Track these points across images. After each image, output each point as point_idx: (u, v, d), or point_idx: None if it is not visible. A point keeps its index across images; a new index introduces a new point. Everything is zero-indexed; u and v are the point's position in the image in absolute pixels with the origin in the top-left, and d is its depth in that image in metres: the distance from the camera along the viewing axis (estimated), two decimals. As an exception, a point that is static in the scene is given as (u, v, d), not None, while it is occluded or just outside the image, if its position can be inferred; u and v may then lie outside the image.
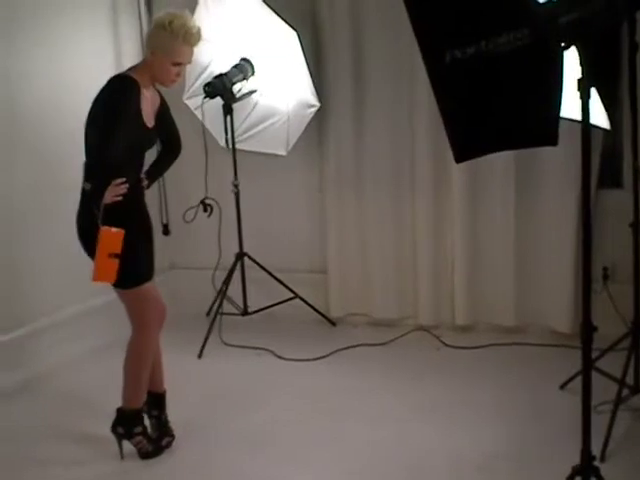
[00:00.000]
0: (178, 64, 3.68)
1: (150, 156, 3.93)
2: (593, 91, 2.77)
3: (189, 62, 3.75)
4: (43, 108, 4.79)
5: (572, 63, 2.75)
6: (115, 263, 3.46)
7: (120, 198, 3.52)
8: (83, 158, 3.60)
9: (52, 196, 4.78)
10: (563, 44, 2.69)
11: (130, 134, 3.55)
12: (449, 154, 3.13)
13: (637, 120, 3.77)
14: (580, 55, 2.69)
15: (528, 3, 2.71)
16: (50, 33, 4.85)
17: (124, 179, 3.54)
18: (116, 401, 3.80)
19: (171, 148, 4.00)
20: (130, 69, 3.74)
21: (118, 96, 3.56)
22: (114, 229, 3.45)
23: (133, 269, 3.66)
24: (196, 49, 3.77)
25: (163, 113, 3.84)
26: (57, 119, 4.83)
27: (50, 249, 4.80)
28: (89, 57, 5.10)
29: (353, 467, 3.69)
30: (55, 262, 4.82)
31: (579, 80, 2.71)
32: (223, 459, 3.81)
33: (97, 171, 3.54)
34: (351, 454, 3.80)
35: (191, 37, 3.66)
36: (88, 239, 3.57)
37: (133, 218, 3.68)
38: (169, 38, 3.63)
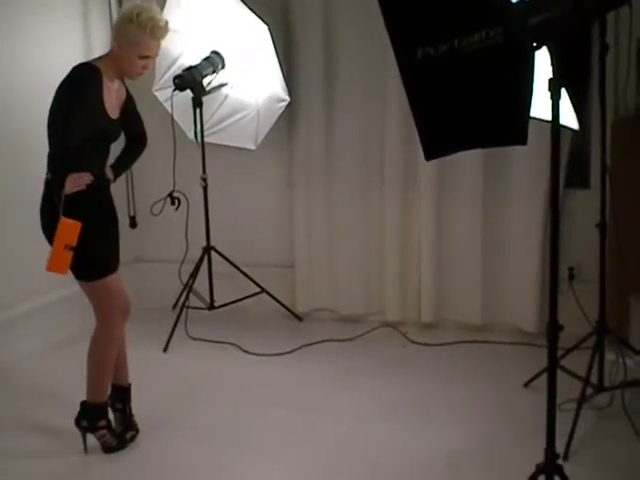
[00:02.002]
0: (145, 57, 3.64)
1: (116, 150, 3.90)
2: (563, 91, 2.78)
3: (156, 55, 3.72)
4: (7, 98, 4.74)
5: (543, 63, 2.76)
6: (69, 255, 3.43)
7: (83, 187, 3.48)
8: (46, 151, 3.57)
9: (17, 187, 4.73)
10: (534, 44, 2.70)
11: (91, 122, 3.51)
12: (419, 152, 3.14)
13: (606, 120, 3.80)
14: (551, 55, 2.70)
15: (500, 3, 2.72)
16: (19, 22, 4.79)
17: (87, 173, 3.51)
18: (81, 394, 3.77)
19: (136, 143, 3.96)
20: (95, 59, 3.70)
21: (78, 83, 3.53)
22: (72, 221, 3.42)
23: (96, 261, 3.65)
24: (166, 41, 3.74)
25: (129, 107, 3.80)
26: (22, 109, 4.77)
27: (15, 240, 4.75)
28: (58, 47, 5.04)
29: (319, 464, 3.69)
30: (20, 253, 4.77)
31: (550, 80, 2.72)
32: (188, 453, 3.79)
33: (56, 158, 3.51)
34: (317, 451, 3.80)
35: (158, 30, 3.62)
36: (49, 229, 3.53)
37: (97, 210, 3.65)
38: (136, 31, 3.58)
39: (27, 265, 4.74)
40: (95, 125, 3.56)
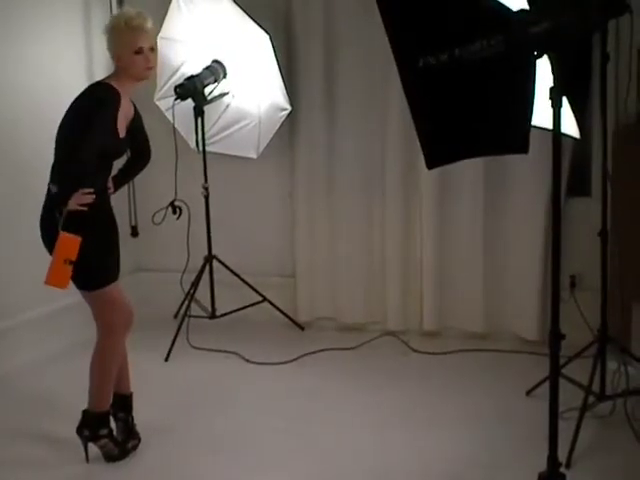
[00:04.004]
0: (139, 51, 3.65)
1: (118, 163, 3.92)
2: (564, 100, 2.78)
3: (150, 46, 3.69)
4: (9, 108, 4.75)
5: (544, 72, 2.77)
6: (69, 270, 3.44)
7: (85, 209, 3.50)
8: (51, 159, 3.57)
9: (19, 197, 4.74)
10: (536, 53, 2.71)
11: (104, 143, 3.56)
12: (420, 160, 3.16)
13: (607, 128, 3.80)
14: (552, 64, 2.71)
15: (502, 12, 2.73)
16: (20, 28, 4.80)
17: (92, 189, 3.52)
18: (83, 403, 3.77)
19: (140, 157, 3.99)
20: (108, 77, 3.72)
21: (98, 102, 3.57)
22: (71, 235, 3.43)
23: (97, 271, 3.65)
24: (168, 50, 3.75)
25: (136, 124, 3.82)
26: (25, 120, 4.80)
27: (18, 249, 4.76)
28: (59, 53, 5.08)
29: (321, 472, 3.68)
30: (21, 262, 4.78)
31: (551, 89, 2.72)
32: (190, 463, 3.79)
33: (66, 177, 3.52)
34: (319, 459, 3.79)
35: (132, 20, 3.65)
36: (49, 240, 3.55)
37: (98, 221, 3.65)
38: (115, 33, 3.66)
39: (28, 274, 4.74)
40: (107, 146, 3.61)
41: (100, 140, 3.52)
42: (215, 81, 5.03)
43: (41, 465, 3.77)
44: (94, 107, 3.55)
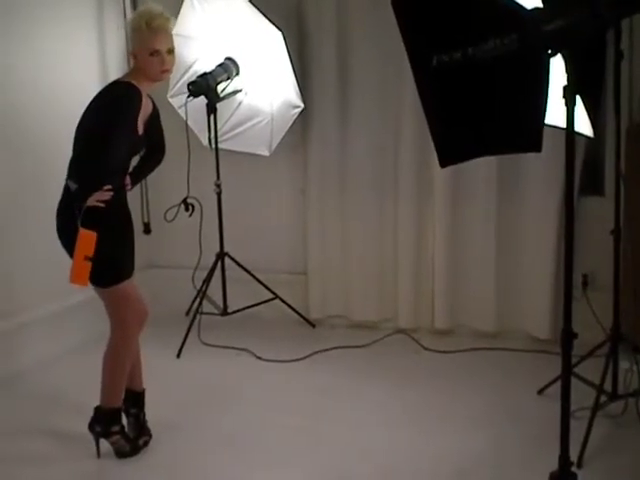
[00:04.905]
0: (156, 53, 3.65)
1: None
2: (577, 98, 2.78)
3: (168, 49, 3.68)
4: (25, 105, 4.75)
5: (557, 70, 2.76)
6: (88, 266, 3.45)
7: (103, 205, 3.50)
8: (63, 156, 3.58)
9: (32, 193, 4.76)
10: (549, 51, 2.70)
11: (126, 142, 3.59)
12: (433, 158, 3.14)
13: (620, 127, 3.79)
14: (566, 62, 2.70)
15: (516, 10, 2.72)
16: (32, 25, 4.81)
17: (110, 186, 3.54)
18: (95, 399, 3.78)
19: (155, 153, 3.99)
20: (127, 75, 3.73)
21: (123, 105, 3.58)
22: (89, 232, 3.43)
23: (113, 267, 3.66)
24: (182, 47, 3.75)
25: (154, 120, 3.84)
26: (38, 116, 4.80)
27: (32, 244, 4.76)
28: (72, 52, 5.08)
29: (331, 469, 3.68)
30: (33, 259, 4.79)
31: (565, 87, 2.72)
32: (201, 459, 3.79)
33: (90, 177, 3.52)
34: (330, 457, 3.80)
35: (153, 20, 3.64)
36: (67, 237, 3.56)
37: (114, 217, 3.65)
38: (137, 32, 3.65)
39: (40, 271, 4.77)
40: (128, 144, 3.63)
41: (124, 139, 3.54)
42: (228, 78, 5.04)
43: (52, 461, 3.79)
44: (118, 107, 3.56)
